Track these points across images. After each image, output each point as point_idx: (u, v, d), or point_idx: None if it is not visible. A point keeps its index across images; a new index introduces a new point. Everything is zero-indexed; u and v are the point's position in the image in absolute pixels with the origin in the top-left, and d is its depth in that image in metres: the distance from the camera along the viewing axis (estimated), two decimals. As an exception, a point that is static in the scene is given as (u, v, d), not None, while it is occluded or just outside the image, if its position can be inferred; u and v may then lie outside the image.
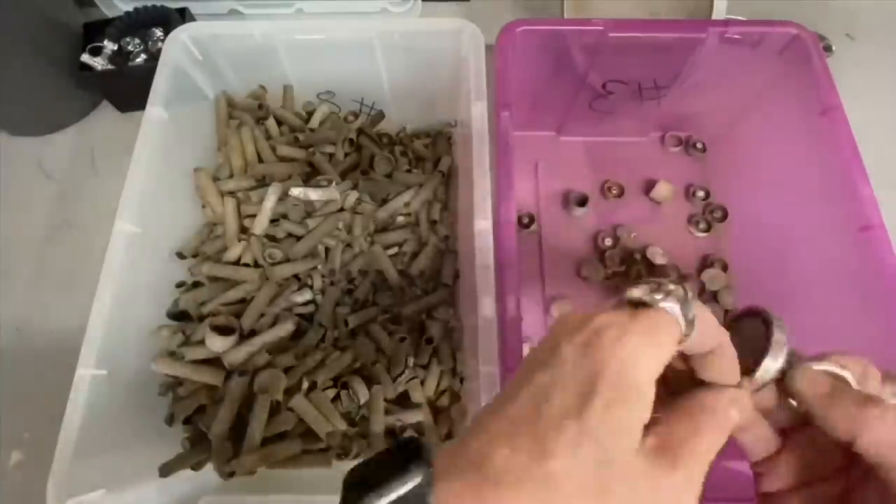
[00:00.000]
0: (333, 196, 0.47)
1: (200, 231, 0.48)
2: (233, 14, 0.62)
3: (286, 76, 0.52)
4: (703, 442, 0.19)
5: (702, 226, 0.55)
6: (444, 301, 0.45)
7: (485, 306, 0.36)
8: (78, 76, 0.55)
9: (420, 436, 0.19)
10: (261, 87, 0.53)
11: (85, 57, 0.54)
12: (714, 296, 0.52)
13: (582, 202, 0.54)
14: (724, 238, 0.54)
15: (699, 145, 0.58)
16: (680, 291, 0.19)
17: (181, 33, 0.46)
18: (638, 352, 0.18)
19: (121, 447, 0.37)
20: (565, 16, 0.56)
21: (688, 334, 0.19)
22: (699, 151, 0.58)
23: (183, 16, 0.58)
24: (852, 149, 0.40)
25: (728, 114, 0.55)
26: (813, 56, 0.44)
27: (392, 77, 0.51)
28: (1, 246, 0.53)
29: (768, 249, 0.50)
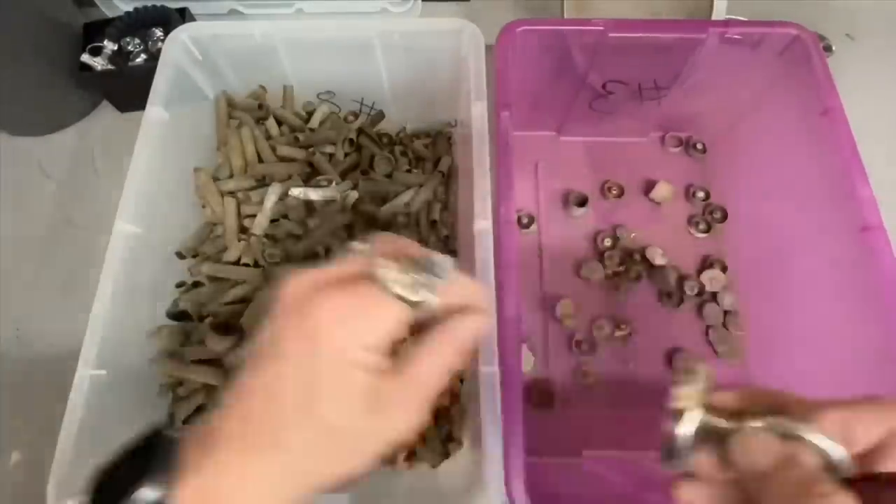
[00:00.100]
0: (334, 196, 0.47)
1: (200, 231, 0.48)
2: (233, 14, 0.62)
3: (286, 76, 0.52)
4: (434, 370, 0.21)
5: (702, 226, 0.55)
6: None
7: (485, 306, 0.36)
8: (78, 76, 0.55)
9: (167, 427, 0.20)
10: (261, 87, 0.53)
11: (85, 57, 0.54)
12: (714, 296, 0.52)
13: (582, 202, 0.54)
14: (724, 238, 0.54)
15: (699, 145, 0.58)
16: (423, 278, 0.20)
17: (181, 33, 0.46)
18: (357, 337, 0.19)
19: (121, 447, 0.37)
20: (565, 16, 0.56)
21: (423, 315, 0.21)
22: (699, 152, 0.58)
23: (183, 16, 0.58)
24: (852, 149, 0.40)
25: (728, 114, 0.54)
26: (813, 56, 0.44)
27: (392, 77, 0.51)
28: (1, 246, 0.53)
29: (768, 250, 0.49)
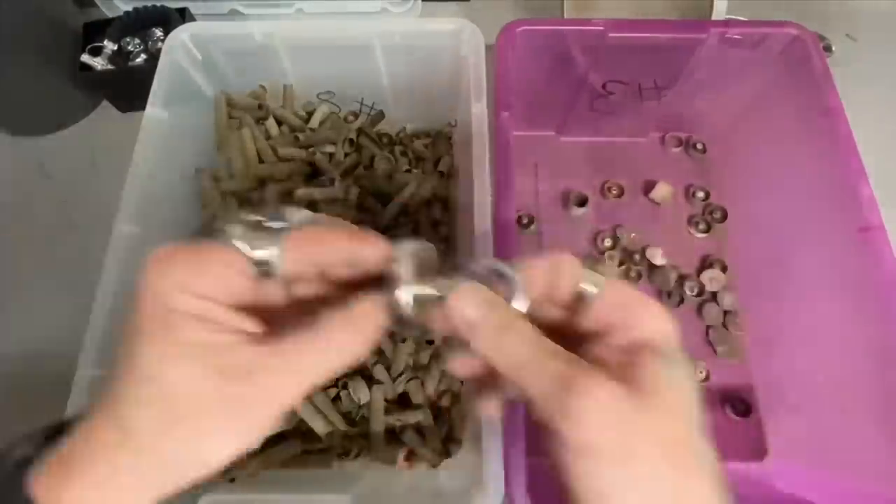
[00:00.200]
0: (337, 195, 0.47)
1: (200, 231, 0.48)
2: (233, 14, 0.62)
3: (286, 76, 0.52)
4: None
5: (701, 226, 0.55)
6: (445, 301, 0.45)
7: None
8: (78, 76, 0.54)
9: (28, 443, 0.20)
10: (261, 87, 0.53)
11: (85, 57, 0.54)
12: (714, 296, 0.52)
13: (582, 202, 0.54)
14: (724, 238, 0.54)
15: (699, 146, 0.58)
16: (268, 230, 0.20)
17: (181, 33, 0.46)
18: (180, 283, 0.19)
19: (121, 447, 0.37)
20: (565, 16, 0.56)
21: (266, 270, 0.20)
22: (699, 152, 0.58)
23: (183, 16, 0.58)
24: (852, 149, 0.40)
25: (728, 114, 0.55)
26: (813, 56, 0.44)
27: (392, 77, 0.51)
28: (1, 246, 0.53)
29: (768, 250, 0.49)
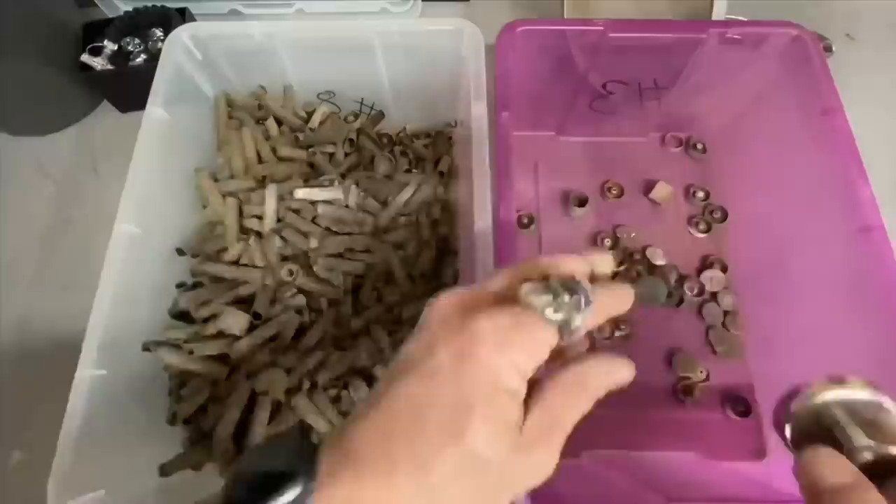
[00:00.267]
0: (338, 196, 0.47)
1: (201, 231, 0.48)
2: (233, 14, 0.62)
3: (286, 76, 0.52)
4: (575, 416, 0.20)
5: (701, 226, 0.55)
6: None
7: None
8: (78, 76, 0.55)
9: (306, 427, 0.18)
10: (261, 87, 0.53)
11: (85, 57, 0.54)
12: (714, 296, 0.52)
13: (582, 202, 0.54)
14: (724, 239, 0.54)
15: (699, 146, 0.58)
16: (573, 301, 0.19)
17: (181, 33, 0.46)
18: (513, 361, 0.18)
19: (121, 447, 0.37)
20: (565, 16, 0.56)
21: (567, 341, 0.19)
22: (699, 152, 0.58)
23: (183, 16, 0.58)
24: (852, 149, 0.40)
25: (728, 114, 0.54)
26: (813, 56, 0.44)
27: (392, 77, 0.51)
28: (1, 246, 0.53)
29: (768, 250, 0.49)
